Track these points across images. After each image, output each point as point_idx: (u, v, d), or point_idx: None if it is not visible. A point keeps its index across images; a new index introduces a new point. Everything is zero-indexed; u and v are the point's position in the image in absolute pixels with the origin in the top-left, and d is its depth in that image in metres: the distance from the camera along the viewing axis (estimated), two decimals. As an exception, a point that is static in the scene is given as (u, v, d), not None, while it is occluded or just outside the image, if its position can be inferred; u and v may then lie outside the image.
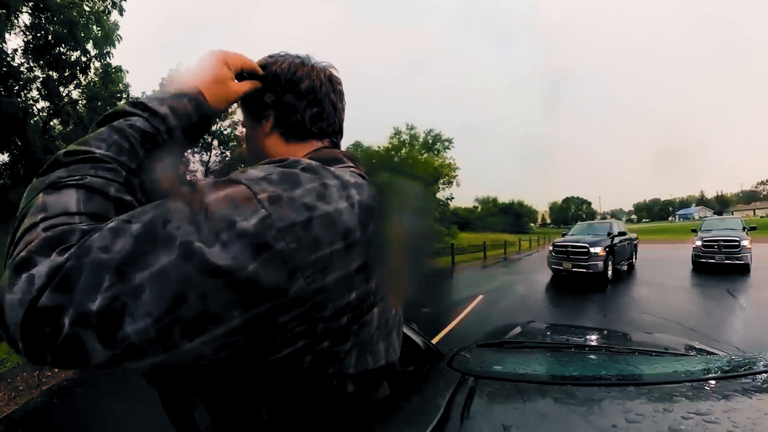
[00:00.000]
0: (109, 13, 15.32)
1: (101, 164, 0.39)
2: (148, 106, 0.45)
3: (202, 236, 0.31)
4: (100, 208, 0.35)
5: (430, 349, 0.98)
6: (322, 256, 0.35)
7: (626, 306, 6.10)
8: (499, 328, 1.45)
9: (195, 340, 0.31)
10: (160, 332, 0.30)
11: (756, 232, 9.26)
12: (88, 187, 0.36)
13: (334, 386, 0.42)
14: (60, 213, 0.33)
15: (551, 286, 8.09)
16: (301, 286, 0.34)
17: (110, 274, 0.29)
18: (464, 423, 0.47)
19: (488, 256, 16.49)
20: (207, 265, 0.30)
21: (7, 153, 14.16)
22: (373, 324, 0.44)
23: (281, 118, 0.57)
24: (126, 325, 0.29)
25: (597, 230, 9.34)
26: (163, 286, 0.29)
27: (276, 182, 0.36)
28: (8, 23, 12.67)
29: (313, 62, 0.59)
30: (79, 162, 0.38)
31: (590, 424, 0.43)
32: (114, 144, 0.41)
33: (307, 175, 0.38)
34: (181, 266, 0.30)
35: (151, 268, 0.29)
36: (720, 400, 0.48)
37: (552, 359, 0.90)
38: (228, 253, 0.31)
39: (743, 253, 8.21)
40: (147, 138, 0.43)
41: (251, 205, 0.33)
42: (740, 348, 3.37)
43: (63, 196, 0.35)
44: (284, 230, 0.33)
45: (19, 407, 2.49)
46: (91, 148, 0.40)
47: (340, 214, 0.38)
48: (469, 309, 5.91)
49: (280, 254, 0.33)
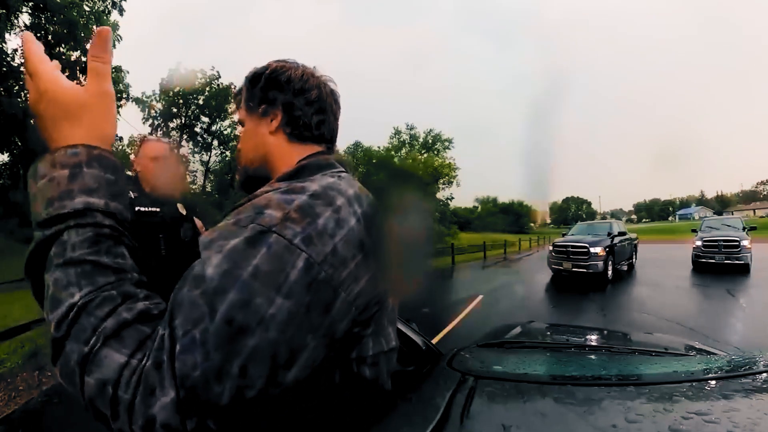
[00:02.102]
0: (109, 13, 15.33)
1: (92, 307, 0.36)
2: (62, 213, 0.39)
3: (267, 302, 0.36)
4: (136, 336, 0.36)
5: (430, 349, 0.98)
6: (350, 270, 0.43)
7: (626, 306, 6.09)
8: (499, 328, 1.45)
9: (292, 370, 0.38)
10: (269, 381, 0.37)
11: (756, 232, 9.26)
12: (110, 335, 0.36)
13: (353, 371, 0.48)
14: (119, 372, 0.35)
15: (551, 286, 8.09)
16: (343, 297, 0.42)
17: (215, 379, 0.34)
18: (464, 423, 0.47)
19: (488, 256, 16.48)
20: (282, 322, 0.37)
21: (7, 153, 14.15)
22: (387, 309, 0.52)
23: (290, 119, 0.59)
24: (248, 393, 0.36)
25: (597, 230, 9.32)
26: (261, 358, 0.36)
27: (298, 220, 0.41)
28: (8, 23, 12.66)
29: (319, 74, 0.63)
30: (74, 324, 0.36)
31: (590, 424, 0.43)
32: (79, 279, 0.37)
33: (320, 204, 0.43)
34: (266, 338, 0.36)
35: (244, 353, 0.35)
36: (720, 400, 0.48)
37: (552, 359, 0.90)
38: (292, 301, 0.37)
39: (743, 253, 8.20)
40: (95, 241, 0.39)
41: (292, 252, 0.39)
42: (740, 348, 3.37)
43: (107, 360, 0.35)
44: (322, 263, 0.40)
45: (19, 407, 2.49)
46: (68, 302, 0.37)
47: (353, 231, 0.44)
48: (469, 309, 5.90)
49: (324, 281, 0.40)
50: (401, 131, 31.72)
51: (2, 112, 12.03)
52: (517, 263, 14.57)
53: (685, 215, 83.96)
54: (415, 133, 31.43)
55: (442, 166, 28.44)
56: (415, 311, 5.15)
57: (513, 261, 15.38)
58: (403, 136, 31.73)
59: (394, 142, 31.64)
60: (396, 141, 31.72)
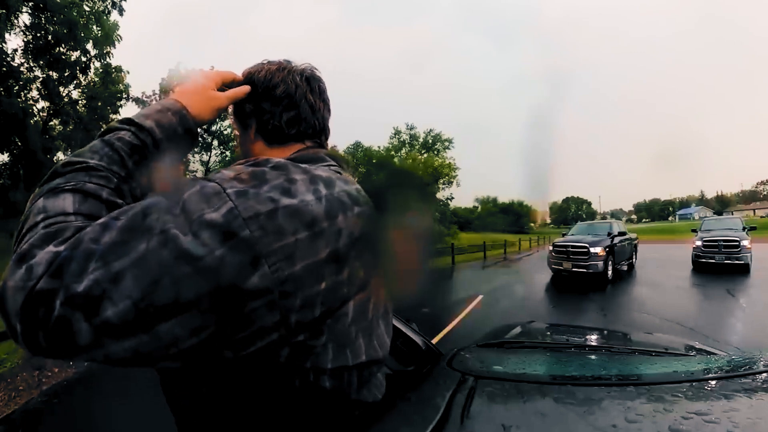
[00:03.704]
0: (109, 13, 15.31)
1: (94, 172, 0.44)
2: (135, 121, 0.51)
3: (177, 226, 0.35)
4: (93, 209, 0.40)
5: (430, 349, 0.98)
6: (286, 244, 0.38)
7: (626, 306, 6.10)
8: (499, 328, 1.45)
9: (170, 321, 0.33)
10: (138, 313, 0.32)
11: (756, 232, 9.25)
12: (82, 191, 0.41)
13: (311, 381, 0.43)
14: (58, 213, 0.38)
15: (551, 286, 8.09)
16: (266, 272, 0.36)
17: (96, 261, 0.32)
18: (464, 423, 0.47)
19: (488, 256, 16.47)
20: (181, 251, 0.34)
21: (7, 153, 14.15)
22: (347, 318, 0.44)
23: (261, 125, 0.60)
24: (107, 306, 0.32)
25: (597, 230, 9.32)
26: (142, 272, 0.33)
27: (244, 180, 0.39)
28: (8, 23, 12.66)
29: (292, 66, 0.61)
30: (75, 171, 0.43)
31: (590, 424, 0.43)
32: (105, 155, 0.46)
33: (274, 172, 0.41)
34: (158, 252, 0.33)
35: (131, 255, 0.33)
36: (720, 400, 0.48)
37: (552, 359, 0.90)
38: (199, 240, 0.34)
39: (743, 253, 8.20)
40: (134, 149, 0.49)
41: (220, 198, 0.37)
42: (740, 348, 3.37)
43: (60, 200, 0.39)
44: (249, 220, 0.36)
45: (19, 407, 2.49)
46: (85, 159, 0.45)
47: (306, 205, 0.40)
48: (469, 309, 5.91)
49: (244, 241, 0.36)
50: (401, 131, 31.71)
51: (2, 112, 12.02)
52: (517, 263, 14.57)
53: (685, 215, 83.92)
54: (415, 133, 31.42)
55: (442, 166, 28.40)
56: (415, 311, 5.15)
57: (513, 261, 15.38)
58: (403, 136, 31.72)
59: (394, 142, 31.63)
60: (396, 141, 31.71)
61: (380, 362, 0.52)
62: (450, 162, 29.14)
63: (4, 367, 3.37)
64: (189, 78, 0.60)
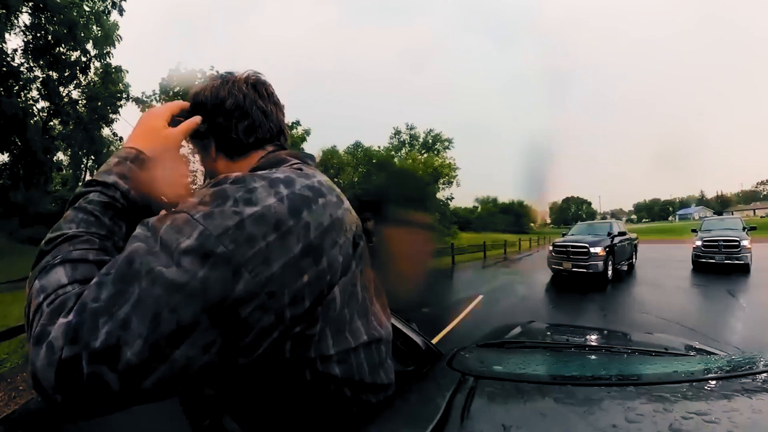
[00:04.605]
0: (109, 13, 15.33)
1: (76, 240, 0.46)
2: (99, 180, 0.53)
3: (160, 262, 0.38)
4: (86, 273, 0.42)
5: (430, 349, 0.98)
6: (259, 249, 0.40)
7: (626, 306, 6.10)
8: (499, 328, 1.46)
9: (181, 346, 0.37)
10: (152, 349, 0.36)
11: (756, 232, 9.25)
12: (70, 260, 0.43)
13: (321, 371, 0.46)
14: (55, 288, 0.40)
15: (551, 286, 8.09)
16: (248, 279, 0.39)
17: (103, 317, 0.36)
18: (464, 423, 0.47)
19: (488, 256, 16.46)
20: (168, 284, 0.37)
21: (7, 153, 14.14)
22: (337, 302, 0.46)
23: (219, 141, 0.61)
24: (126, 351, 0.35)
25: (597, 230, 9.31)
26: (143, 311, 0.36)
27: (208, 202, 0.42)
28: (8, 23, 12.66)
29: (234, 77, 0.62)
30: (58, 244, 0.46)
31: (590, 424, 0.43)
32: (81, 221, 0.48)
33: (233, 186, 0.43)
34: (150, 291, 0.36)
35: (130, 300, 0.36)
36: (720, 400, 0.48)
37: (552, 359, 0.90)
38: (182, 268, 0.37)
39: (743, 253, 8.19)
40: (106, 206, 0.51)
41: (190, 225, 0.39)
42: (740, 348, 3.36)
43: (53, 275, 0.42)
44: (220, 236, 0.39)
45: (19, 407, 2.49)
46: (63, 230, 0.47)
47: (270, 209, 0.42)
48: (469, 309, 5.91)
49: (221, 256, 0.38)
50: (401, 131, 31.71)
51: (2, 112, 12.02)
52: (517, 263, 14.57)
53: (685, 215, 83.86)
54: (415, 133, 31.41)
55: (442, 166, 28.39)
56: (415, 311, 5.15)
57: (513, 261, 15.38)
58: (403, 136, 31.72)
59: (394, 142, 31.63)
60: (396, 141, 31.70)
61: (384, 341, 0.54)
62: (450, 162, 29.15)
63: (4, 367, 3.37)
64: (141, 118, 0.61)
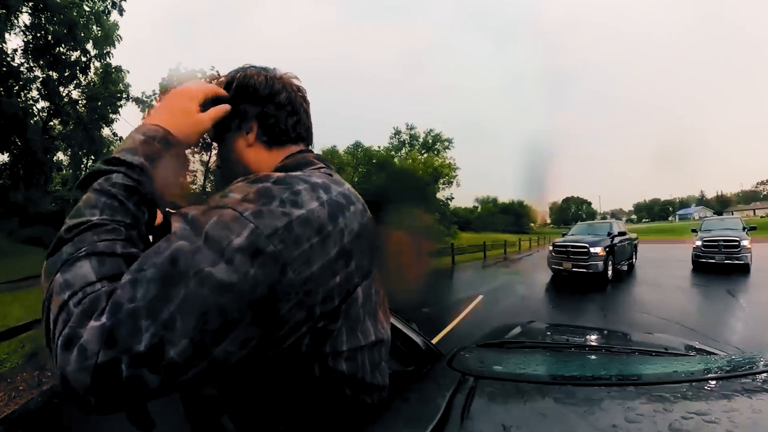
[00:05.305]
0: (109, 13, 15.33)
1: (101, 228, 0.42)
2: (123, 160, 0.48)
3: (207, 261, 0.37)
4: (114, 268, 0.39)
5: (430, 349, 0.98)
6: (303, 250, 0.41)
7: (626, 306, 6.10)
8: (499, 328, 1.46)
9: (223, 343, 0.37)
10: (196, 347, 0.36)
11: (756, 232, 9.25)
12: (97, 253, 0.40)
13: (330, 367, 0.47)
14: (83, 285, 0.37)
15: (551, 286, 8.09)
16: (291, 277, 0.40)
17: (145, 318, 0.35)
18: (464, 423, 0.47)
19: (488, 256, 16.46)
20: (218, 284, 0.37)
21: (7, 153, 14.14)
22: (358, 302, 0.50)
23: (266, 128, 0.61)
24: (169, 351, 0.35)
25: (597, 230, 9.31)
26: (190, 312, 0.36)
27: (254, 200, 0.42)
28: (8, 23, 12.65)
29: (282, 74, 0.64)
30: (81, 233, 0.42)
31: (590, 424, 0.43)
32: (105, 206, 0.44)
33: (278, 187, 0.44)
34: (198, 292, 0.36)
35: (175, 301, 0.35)
36: (720, 400, 0.48)
37: (552, 359, 0.90)
38: (232, 266, 0.37)
39: (743, 253, 8.19)
40: (130, 191, 0.47)
41: (240, 222, 0.39)
42: (740, 348, 3.36)
43: (79, 269, 0.39)
44: (271, 236, 0.40)
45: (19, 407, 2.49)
46: (86, 217, 0.43)
47: (314, 213, 0.44)
48: (469, 309, 5.91)
49: (270, 255, 0.39)
50: (401, 131, 31.77)
51: (2, 112, 12.02)
52: (517, 263, 14.57)
53: (685, 215, 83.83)
54: (415, 133, 31.48)
55: (442, 166, 28.42)
56: (415, 311, 5.15)
57: (513, 261, 15.38)
58: (403, 136, 31.78)
59: (394, 142, 31.69)
60: (396, 141, 31.76)
61: (385, 342, 0.57)
62: (450, 162, 29.18)
63: (4, 367, 3.37)
64: (169, 100, 0.57)
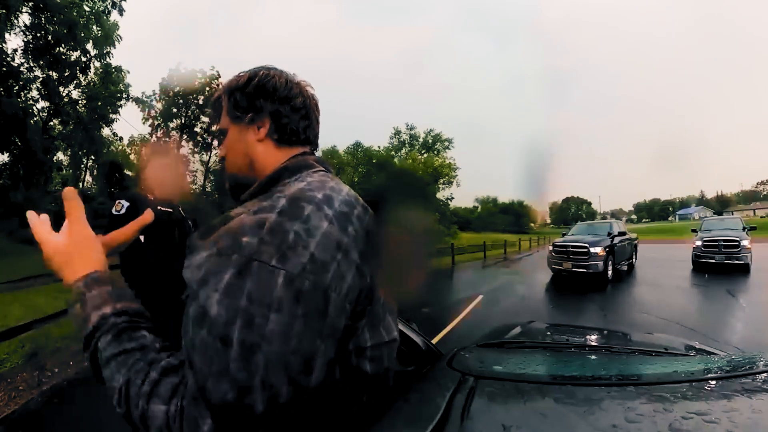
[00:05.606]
0: (109, 13, 15.33)
1: (140, 375, 0.47)
2: (97, 325, 0.52)
3: (263, 319, 0.40)
4: (168, 387, 0.45)
5: (430, 349, 0.98)
6: (334, 271, 0.45)
7: (626, 306, 6.09)
8: (499, 328, 1.45)
9: (313, 374, 0.42)
10: (294, 390, 0.41)
11: (756, 232, 9.24)
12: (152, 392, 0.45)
13: (353, 366, 0.49)
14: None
15: (551, 286, 8.08)
16: (335, 297, 0.44)
17: (254, 398, 0.40)
18: (464, 423, 0.47)
19: (488, 256, 16.46)
20: (281, 336, 0.40)
21: (7, 153, 14.13)
22: (380, 300, 0.52)
23: (278, 126, 0.61)
24: (275, 402, 0.40)
25: (597, 230, 9.30)
26: (275, 371, 0.40)
27: (271, 242, 0.43)
28: (8, 23, 12.65)
29: (299, 80, 0.65)
30: (127, 392, 0.47)
31: (590, 424, 0.43)
32: (124, 365, 0.49)
33: (287, 219, 0.45)
34: (270, 350, 0.40)
35: (258, 372, 0.40)
36: (720, 400, 0.48)
37: (552, 359, 0.90)
38: (282, 315, 0.41)
39: (743, 253, 8.18)
40: (122, 332, 0.51)
41: (272, 273, 0.42)
42: (740, 348, 3.36)
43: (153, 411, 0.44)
44: (301, 273, 0.42)
45: (19, 407, 2.49)
46: (120, 381, 0.48)
47: (328, 235, 0.46)
48: (469, 309, 5.90)
49: (308, 290, 0.42)
50: (401, 131, 31.82)
51: (2, 112, 12.02)
52: (517, 263, 14.56)
53: (685, 215, 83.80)
54: (415, 133, 31.53)
55: (442, 166, 28.44)
56: (415, 311, 5.14)
57: (513, 261, 15.37)
58: (403, 136, 31.82)
59: (394, 142, 31.73)
60: (396, 141, 31.80)
61: (396, 342, 0.60)
62: (450, 162, 29.21)
63: (4, 367, 3.37)
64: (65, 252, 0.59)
